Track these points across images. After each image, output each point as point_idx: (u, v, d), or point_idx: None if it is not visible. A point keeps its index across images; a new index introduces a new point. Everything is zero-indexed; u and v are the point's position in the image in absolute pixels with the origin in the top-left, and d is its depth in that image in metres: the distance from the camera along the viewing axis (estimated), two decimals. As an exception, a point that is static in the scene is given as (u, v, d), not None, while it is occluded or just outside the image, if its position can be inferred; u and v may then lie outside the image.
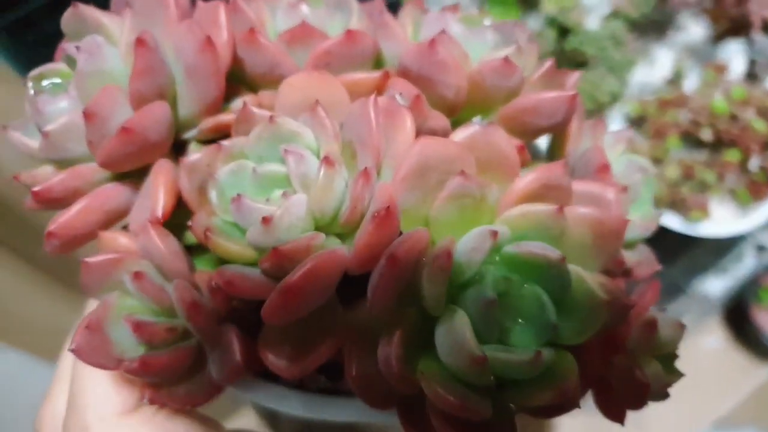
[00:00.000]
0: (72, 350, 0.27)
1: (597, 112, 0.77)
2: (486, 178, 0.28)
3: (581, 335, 0.26)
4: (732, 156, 0.92)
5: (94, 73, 0.29)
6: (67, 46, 0.31)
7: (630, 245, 0.34)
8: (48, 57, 0.32)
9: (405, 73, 0.31)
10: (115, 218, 0.30)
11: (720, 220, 0.92)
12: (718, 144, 0.83)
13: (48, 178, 0.31)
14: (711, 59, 1.09)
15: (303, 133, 0.28)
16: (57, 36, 0.32)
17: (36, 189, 0.29)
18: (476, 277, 0.26)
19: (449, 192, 0.27)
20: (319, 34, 0.32)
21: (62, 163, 0.30)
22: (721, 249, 1.09)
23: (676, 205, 0.79)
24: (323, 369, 0.32)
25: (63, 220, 0.29)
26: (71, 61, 0.32)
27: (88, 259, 0.27)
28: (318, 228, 0.28)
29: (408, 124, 0.28)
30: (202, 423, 0.33)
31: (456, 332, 0.25)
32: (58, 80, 0.32)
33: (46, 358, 0.82)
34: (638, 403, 0.30)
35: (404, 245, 0.25)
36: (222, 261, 0.29)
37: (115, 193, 0.30)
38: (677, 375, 0.32)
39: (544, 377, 0.26)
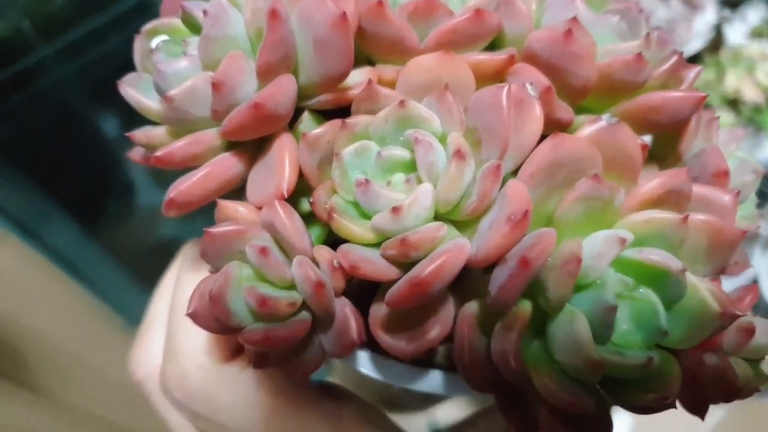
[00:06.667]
0: (189, 314, 0.28)
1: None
2: (609, 176, 0.29)
3: (689, 342, 0.27)
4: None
5: (219, 39, 0.29)
6: (188, 5, 0.30)
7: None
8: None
9: (532, 58, 0.30)
10: (230, 186, 0.30)
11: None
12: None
13: (161, 139, 0.31)
14: None
15: (431, 119, 0.28)
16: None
17: (158, 155, 0.29)
18: (598, 281, 0.27)
19: (579, 194, 0.27)
20: (443, 9, 0.31)
21: (178, 125, 0.30)
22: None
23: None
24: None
25: (184, 188, 0.29)
26: (188, 19, 0.31)
27: (211, 230, 0.28)
28: (438, 215, 0.28)
29: (537, 115, 0.28)
30: None
31: (576, 334, 0.25)
32: (167, 37, 0.32)
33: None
34: (726, 401, 0.31)
35: (535, 249, 0.25)
36: (332, 233, 0.30)
37: (233, 163, 0.30)
38: (764, 378, 0.32)
39: (649, 380, 0.27)
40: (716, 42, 1.22)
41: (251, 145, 0.30)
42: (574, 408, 0.26)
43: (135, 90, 0.31)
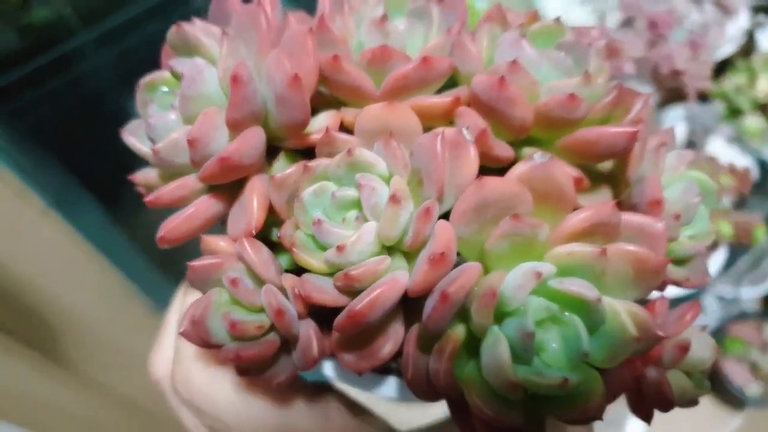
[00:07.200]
0: (181, 333, 0.33)
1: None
2: (542, 209, 0.31)
3: (610, 362, 0.30)
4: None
5: (195, 97, 0.33)
6: (173, 63, 0.35)
7: (680, 262, 0.36)
8: (23, 129, 0.36)
9: (476, 99, 0.33)
10: (213, 222, 0.35)
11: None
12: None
13: (155, 181, 0.36)
14: (657, 124, 1.18)
15: (376, 163, 0.32)
16: (33, 107, 0.36)
17: (149, 199, 0.34)
18: (520, 309, 0.30)
19: (501, 232, 0.30)
20: (398, 56, 0.34)
21: (167, 170, 0.35)
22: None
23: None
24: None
25: (173, 226, 0.34)
26: (176, 75, 0.36)
27: (193, 263, 0.33)
28: (386, 247, 0.32)
29: (472, 157, 0.31)
30: None
31: (496, 357, 0.29)
32: (166, 89, 0.37)
33: (21, 426, 0.83)
34: (663, 410, 0.34)
35: (456, 283, 0.28)
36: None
37: (213, 202, 0.34)
38: (706, 389, 0.35)
39: (571, 396, 0.30)
40: (748, 47, 1.24)
41: (229, 187, 0.34)
42: (499, 422, 0.29)
43: (135, 138, 0.36)
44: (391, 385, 0.39)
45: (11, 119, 0.79)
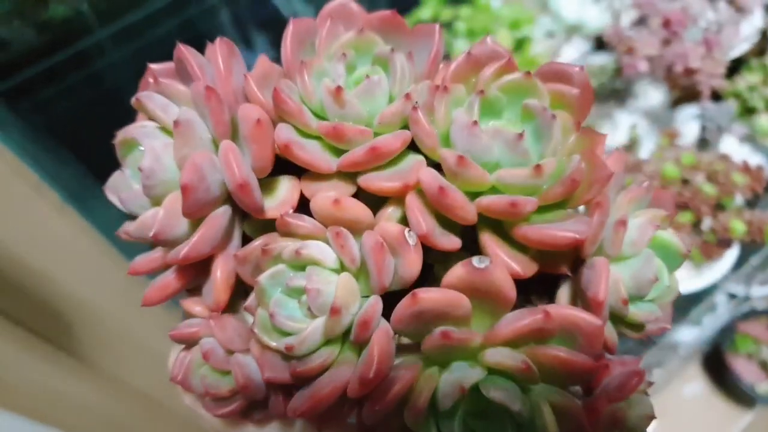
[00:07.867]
0: (175, 381, 0.38)
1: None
2: (481, 308, 0.33)
3: None
4: (684, 218, 1.01)
5: (156, 185, 0.34)
6: (138, 135, 0.36)
7: (636, 327, 0.37)
8: (40, 124, 0.37)
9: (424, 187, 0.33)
10: (188, 286, 0.38)
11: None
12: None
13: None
14: (670, 123, 1.19)
15: (325, 259, 0.33)
16: (51, 103, 0.37)
17: (129, 271, 0.37)
18: (451, 410, 0.33)
19: (432, 342, 0.32)
20: (352, 132, 0.34)
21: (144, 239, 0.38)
22: (688, 302, 1.14)
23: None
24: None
25: (150, 293, 0.37)
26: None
27: (172, 333, 0.37)
28: (336, 338, 0.34)
29: (413, 259, 0.32)
30: None
31: (428, 452, 0.33)
32: (141, 149, 0.38)
33: (38, 420, 0.85)
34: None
35: (387, 396, 0.31)
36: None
37: (182, 276, 0.37)
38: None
39: None
40: (762, 46, 1.25)
41: (198, 261, 0.37)
42: None
43: (115, 196, 0.38)
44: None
45: (29, 115, 0.80)
